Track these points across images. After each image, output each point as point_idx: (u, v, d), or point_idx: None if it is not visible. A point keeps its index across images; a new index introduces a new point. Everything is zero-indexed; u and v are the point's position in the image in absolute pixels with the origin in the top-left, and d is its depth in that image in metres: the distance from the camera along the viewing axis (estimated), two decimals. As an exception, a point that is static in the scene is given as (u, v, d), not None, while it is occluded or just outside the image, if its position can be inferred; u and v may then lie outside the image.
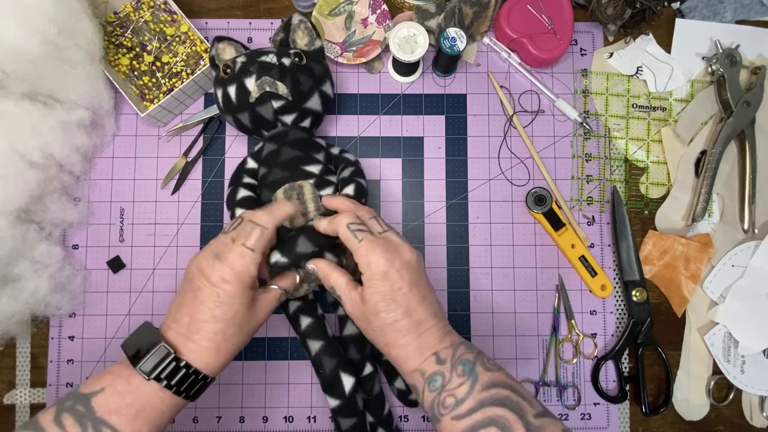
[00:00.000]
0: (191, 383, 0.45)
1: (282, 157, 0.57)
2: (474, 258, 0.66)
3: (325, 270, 0.51)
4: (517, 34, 0.66)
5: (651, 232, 0.66)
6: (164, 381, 0.44)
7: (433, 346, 0.47)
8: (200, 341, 0.46)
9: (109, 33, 0.66)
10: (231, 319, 0.46)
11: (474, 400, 0.44)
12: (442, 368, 0.46)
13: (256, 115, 0.57)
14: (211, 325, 0.46)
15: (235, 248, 0.46)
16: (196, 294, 0.46)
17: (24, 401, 0.64)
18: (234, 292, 0.46)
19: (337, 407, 0.56)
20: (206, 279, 0.46)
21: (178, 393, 0.45)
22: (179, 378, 0.45)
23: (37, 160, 0.58)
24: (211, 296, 0.46)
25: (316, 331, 0.58)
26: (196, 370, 0.45)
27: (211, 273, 0.46)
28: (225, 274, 0.46)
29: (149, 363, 0.44)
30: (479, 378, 0.45)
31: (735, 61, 0.67)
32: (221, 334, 0.46)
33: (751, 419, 0.65)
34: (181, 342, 0.46)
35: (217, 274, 0.46)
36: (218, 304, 0.46)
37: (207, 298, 0.46)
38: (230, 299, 0.46)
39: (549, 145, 0.68)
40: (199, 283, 0.46)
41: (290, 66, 0.57)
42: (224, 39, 0.60)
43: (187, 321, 0.46)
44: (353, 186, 0.57)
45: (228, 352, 0.47)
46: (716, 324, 0.65)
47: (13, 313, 0.58)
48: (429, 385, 0.46)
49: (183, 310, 0.47)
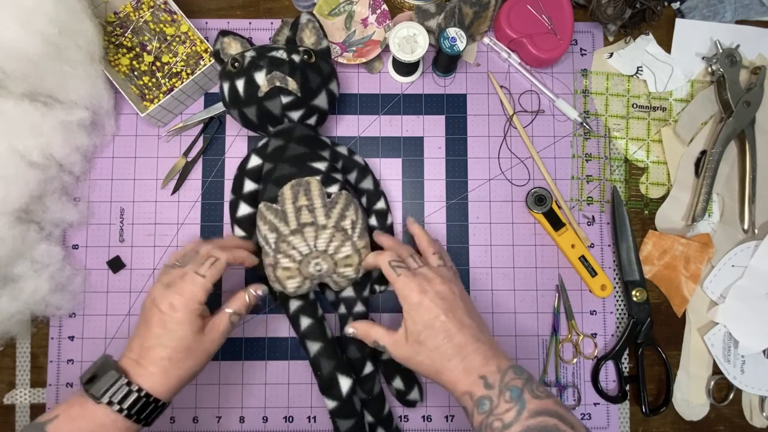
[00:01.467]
0: (142, 407, 0.48)
1: (289, 153, 0.57)
2: (474, 258, 0.66)
3: (365, 329, 0.55)
4: (517, 34, 0.66)
5: (651, 232, 0.66)
6: (116, 405, 0.47)
7: (478, 367, 0.49)
8: (148, 366, 0.48)
9: (109, 33, 0.66)
10: (177, 345, 0.49)
11: (521, 426, 0.45)
12: (491, 393, 0.48)
13: (264, 110, 0.57)
14: (158, 350, 0.49)
15: (188, 277, 0.50)
16: (147, 322, 0.49)
17: (24, 401, 0.64)
18: (181, 318, 0.49)
19: (335, 409, 0.57)
20: (156, 307, 0.49)
21: (129, 416, 0.47)
22: (131, 402, 0.47)
23: (37, 160, 0.58)
24: (159, 323, 0.49)
25: (315, 333, 0.58)
26: (147, 393, 0.48)
27: (162, 301, 0.49)
28: (174, 301, 0.49)
29: (99, 386, 0.47)
30: (527, 405, 0.46)
31: (735, 61, 0.67)
32: (167, 359, 0.49)
33: (751, 419, 0.65)
34: (131, 367, 0.49)
35: (167, 301, 0.49)
36: (165, 330, 0.49)
37: (155, 325, 0.49)
38: (177, 325, 0.49)
39: (549, 145, 0.68)
40: (150, 312, 0.50)
41: (300, 62, 0.57)
42: (229, 33, 0.60)
43: (137, 348, 0.49)
44: (383, 200, 0.63)
45: (176, 377, 0.49)
46: (716, 324, 0.65)
47: (13, 313, 0.58)
48: (478, 408, 0.48)
49: (135, 339, 0.50)
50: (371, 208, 0.63)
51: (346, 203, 0.56)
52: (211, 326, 0.51)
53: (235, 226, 0.60)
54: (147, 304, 0.51)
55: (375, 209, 0.63)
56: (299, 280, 0.56)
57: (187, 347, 0.49)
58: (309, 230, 0.55)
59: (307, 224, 0.55)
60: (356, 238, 0.56)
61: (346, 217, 0.56)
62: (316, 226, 0.55)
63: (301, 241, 0.55)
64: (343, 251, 0.56)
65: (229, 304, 0.53)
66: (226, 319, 0.52)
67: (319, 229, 0.55)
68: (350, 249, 0.56)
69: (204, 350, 0.51)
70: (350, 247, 0.56)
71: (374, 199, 0.63)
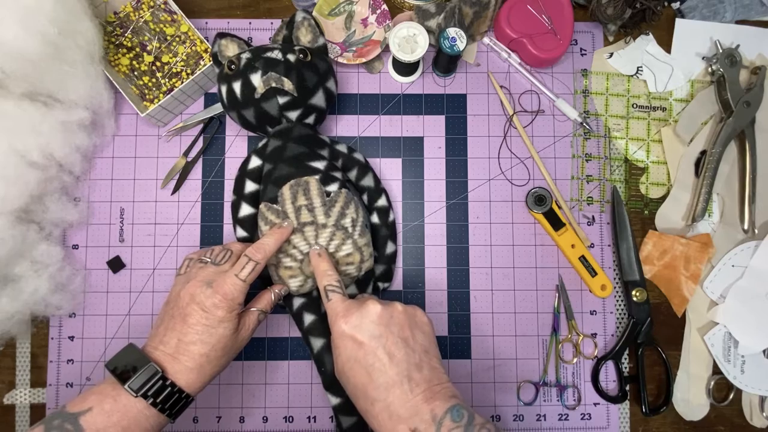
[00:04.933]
0: (174, 401, 0.48)
1: (287, 153, 0.57)
2: (474, 258, 0.66)
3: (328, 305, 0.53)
4: (517, 34, 0.66)
5: (651, 232, 0.66)
6: (150, 399, 0.47)
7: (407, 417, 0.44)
8: (186, 362, 0.49)
9: (109, 33, 0.66)
10: (216, 343, 0.49)
11: None
12: None
13: (261, 111, 0.57)
14: (198, 347, 0.49)
15: (228, 278, 0.50)
16: (186, 319, 0.49)
17: (24, 401, 0.64)
18: (223, 317, 0.49)
19: (339, 405, 0.56)
20: (198, 305, 0.49)
21: (162, 411, 0.47)
22: (164, 396, 0.47)
23: (37, 160, 0.58)
24: (201, 320, 0.49)
25: (319, 329, 0.58)
26: (180, 388, 0.48)
27: (205, 300, 0.49)
28: (217, 301, 0.49)
29: (138, 381, 0.46)
30: None
31: (735, 61, 0.67)
32: (206, 356, 0.49)
33: (751, 419, 0.65)
34: (167, 362, 0.49)
35: (210, 300, 0.49)
36: (207, 328, 0.49)
37: (197, 323, 0.49)
38: (219, 323, 0.49)
39: (549, 145, 0.68)
40: (190, 309, 0.49)
41: (295, 62, 0.57)
42: (227, 35, 0.60)
43: (174, 343, 0.49)
44: (384, 197, 0.63)
45: (209, 374, 0.50)
46: (716, 324, 0.65)
47: (13, 313, 0.58)
48: None
49: (170, 333, 0.49)
50: (372, 206, 0.63)
51: (346, 201, 0.56)
52: (243, 324, 0.52)
53: (237, 226, 0.60)
54: (184, 299, 0.50)
55: (376, 206, 0.63)
56: (301, 278, 0.56)
57: (224, 345, 0.50)
58: (309, 229, 0.55)
59: (307, 223, 0.55)
60: (357, 236, 0.56)
61: (347, 216, 0.56)
62: (316, 225, 0.55)
63: (301, 240, 0.55)
64: (344, 249, 0.56)
65: (255, 303, 0.54)
66: (255, 317, 0.53)
67: (319, 228, 0.55)
68: (351, 247, 0.56)
69: (236, 348, 0.52)
70: (351, 245, 0.56)
71: (375, 196, 0.63)
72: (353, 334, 0.47)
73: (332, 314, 0.50)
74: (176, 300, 0.51)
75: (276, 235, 0.53)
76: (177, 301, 0.50)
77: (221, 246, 0.55)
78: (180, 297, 0.50)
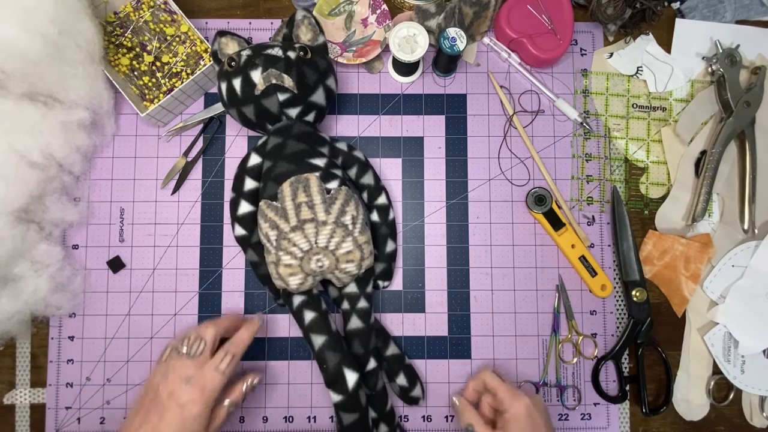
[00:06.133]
0: None
1: (288, 150, 0.57)
2: (474, 258, 0.66)
3: (464, 406, 0.58)
4: (517, 34, 0.66)
5: (651, 232, 0.66)
6: None
7: None
8: None
9: (109, 33, 0.66)
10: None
11: None
12: None
13: (261, 108, 0.57)
14: None
15: (208, 373, 0.53)
16: (163, 415, 0.51)
17: (24, 401, 0.64)
18: (198, 413, 0.51)
19: (340, 402, 0.56)
20: (176, 401, 0.51)
21: None
22: None
23: (37, 160, 0.58)
24: (176, 417, 0.51)
25: (319, 326, 0.57)
26: None
27: (182, 395, 0.51)
28: (194, 396, 0.51)
29: None
30: None
31: (735, 61, 0.67)
32: None
33: (751, 419, 0.65)
34: None
35: (187, 396, 0.51)
36: (181, 424, 0.51)
37: (173, 418, 0.51)
38: (193, 420, 0.51)
39: (549, 145, 0.68)
40: (168, 404, 0.51)
41: (296, 59, 0.57)
42: (227, 33, 0.60)
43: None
44: (384, 195, 0.63)
45: None
46: (716, 324, 0.65)
47: (13, 313, 0.58)
48: None
49: (146, 426, 0.51)
50: (372, 204, 0.63)
51: (346, 199, 0.56)
52: (212, 418, 0.54)
53: (236, 224, 0.60)
54: (162, 395, 0.52)
55: (376, 204, 0.63)
56: (301, 276, 0.56)
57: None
58: (309, 227, 0.55)
59: (307, 221, 0.55)
60: (357, 234, 0.56)
61: (347, 213, 0.56)
62: (316, 222, 0.55)
63: (301, 237, 0.55)
64: (344, 247, 0.56)
65: (229, 393, 0.56)
66: (225, 411, 0.55)
67: (320, 225, 0.55)
68: (351, 244, 0.56)
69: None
70: (351, 243, 0.56)
71: (375, 194, 0.63)
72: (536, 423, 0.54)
73: (510, 395, 0.56)
74: (155, 393, 0.52)
75: (251, 329, 0.58)
76: (156, 395, 0.52)
77: (195, 334, 0.56)
78: (159, 392, 0.52)
